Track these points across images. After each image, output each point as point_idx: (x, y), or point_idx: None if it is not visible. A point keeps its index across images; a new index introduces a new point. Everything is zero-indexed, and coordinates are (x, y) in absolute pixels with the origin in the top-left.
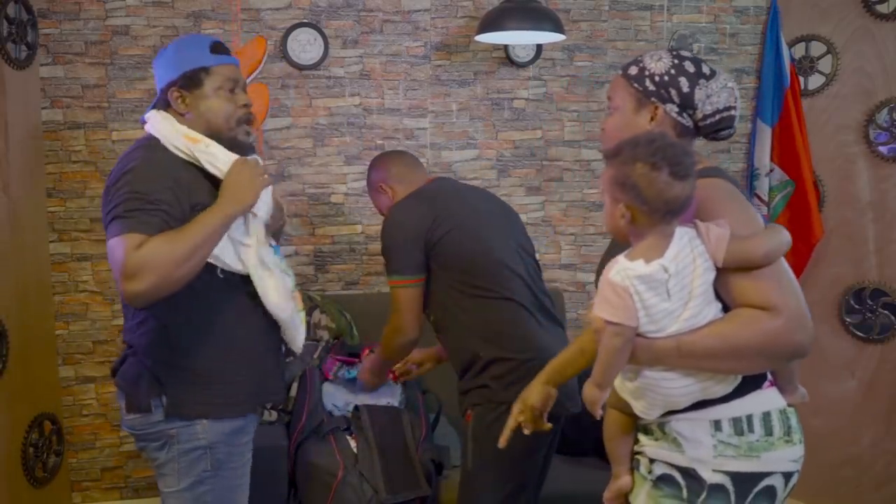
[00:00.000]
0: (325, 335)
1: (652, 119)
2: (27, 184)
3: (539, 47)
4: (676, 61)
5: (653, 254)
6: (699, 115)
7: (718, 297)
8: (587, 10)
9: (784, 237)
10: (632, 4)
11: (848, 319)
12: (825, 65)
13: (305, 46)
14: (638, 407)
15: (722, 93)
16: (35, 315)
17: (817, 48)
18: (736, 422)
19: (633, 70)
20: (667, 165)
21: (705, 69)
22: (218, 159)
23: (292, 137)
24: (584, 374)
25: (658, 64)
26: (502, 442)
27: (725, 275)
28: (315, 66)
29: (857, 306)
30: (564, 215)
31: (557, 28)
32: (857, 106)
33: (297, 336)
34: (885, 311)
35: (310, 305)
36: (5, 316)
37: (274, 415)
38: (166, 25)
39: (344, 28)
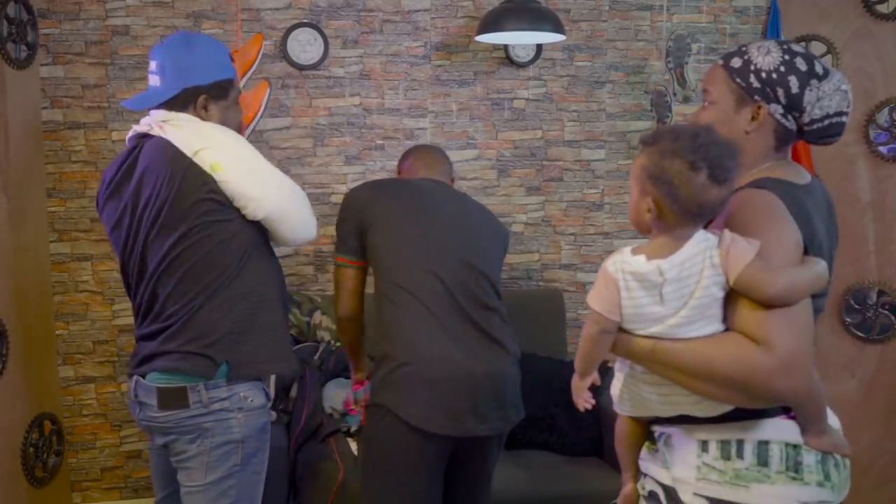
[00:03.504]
0: (327, 336)
1: (753, 119)
2: (27, 184)
3: (539, 47)
4: (787, 57)
5: (659, 253)
6: (806, 118)
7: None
8: (587, 10)
9: (813, 276)
10: (632, 4)
11: (848, 319)
12: None
13: (305, 46)
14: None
15: (835, 96)
16: (35, 315)
17: (817, 48)
18: (724, 445)
19: (737, 62)
20: (707, 167)
21: (818, 68)
22: None
23: (292, 137)
24: (494, 394)
25: (766, 59)
26: None
27: (733, 294)
28: (315, 66)
29: (857, 306)
30: (564, 215)
31: (557, 28)
32: (858, 106)
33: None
34: (885, 311)
35: (310, 307)
36: (5, 316)
37: (273, 415)
38: (166, 25)
39: (344, 28)
